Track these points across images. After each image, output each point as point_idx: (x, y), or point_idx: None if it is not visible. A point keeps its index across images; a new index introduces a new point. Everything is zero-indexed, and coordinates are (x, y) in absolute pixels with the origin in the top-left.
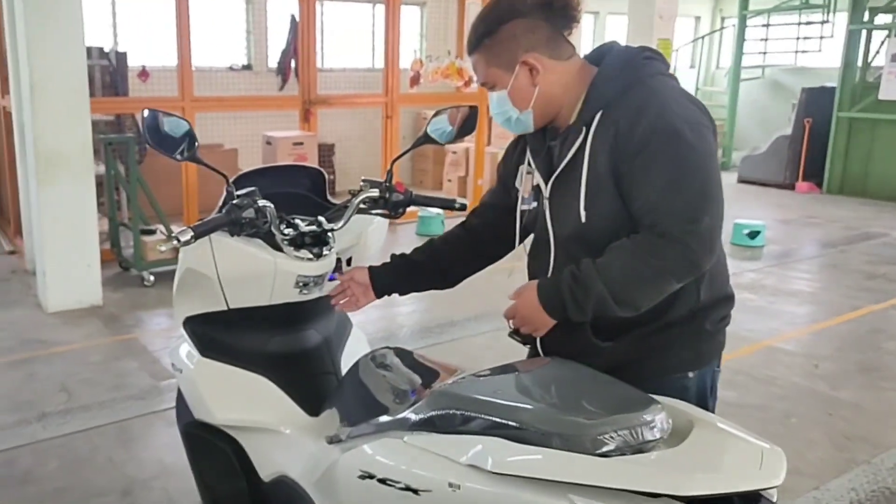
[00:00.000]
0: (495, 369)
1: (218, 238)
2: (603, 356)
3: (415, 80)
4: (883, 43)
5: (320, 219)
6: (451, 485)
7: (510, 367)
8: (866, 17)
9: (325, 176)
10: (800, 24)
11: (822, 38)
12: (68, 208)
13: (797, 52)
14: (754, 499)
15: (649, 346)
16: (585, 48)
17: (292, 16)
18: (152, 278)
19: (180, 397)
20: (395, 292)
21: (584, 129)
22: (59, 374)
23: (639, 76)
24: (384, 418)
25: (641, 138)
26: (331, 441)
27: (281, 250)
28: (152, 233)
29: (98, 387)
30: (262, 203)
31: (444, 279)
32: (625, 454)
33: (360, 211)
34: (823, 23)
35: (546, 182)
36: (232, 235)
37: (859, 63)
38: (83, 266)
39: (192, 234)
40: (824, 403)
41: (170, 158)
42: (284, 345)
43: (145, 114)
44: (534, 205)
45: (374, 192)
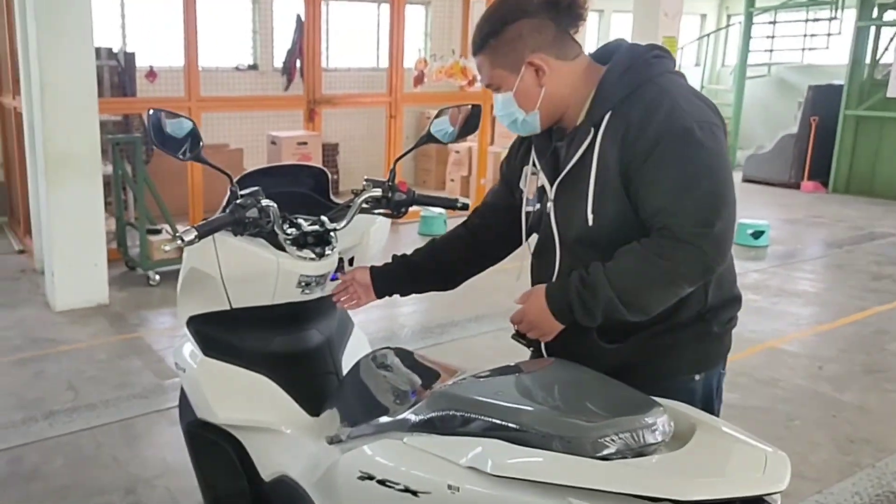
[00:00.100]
0: (496, 370)
1: (221, 238)
2: (608, 358)
3: (419, 79)
4: (892, 40)
5: (323, 218)
6: (450, 487)
7: (511, 369)
8: (875, 14)
9: (329, 175)
10: (807, 21)
11: (829, 35)
12: (76, 208)
13: (804, 49)
14: None
15: (656, 349)
16: (590, 46)
17: (298, 16)
18: (158, 277)
19: (183, 396)
20: (396, 293)
21: (592, 129)
22: (66, 372)
23: (648, 75)
24: (384, 419)
25: (652, 138)
26: (331, 441)
27: (284, 250)
28: (158, 232)
29: (104, 385)
30: (265, 203)
31: (445, 280)
32: (626, 457)
33: (362, 210)
34: (831, 20)
35: (552, 184)
36: (235, 235)
37: (867, 60)
38: (90, 265)
39: (195, 233)
40: (828, 406)
41: (174, 158)
42: (286, 344)
43: (150, 113)
44: (538, 206)
45: (377, 192)
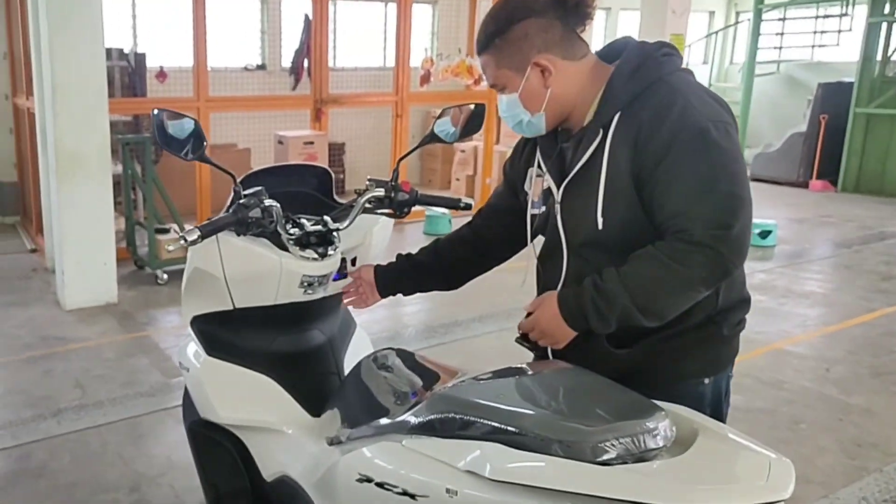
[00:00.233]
0: (497, 372)
1: (225, 238)
2: (617, 363)
3: (425, 78)
4: None
5: (326, 218)
6: (448, 490)
7: (512, 371)
8: (887, 10)
9: (332, 175)
10: (817, 17)
11: (840, 31)
12: (86, 208)
13: (814, 46)
14: None
15: (665, 352)
16: (597, 45)
17: (306, 15)
18: (166, 276)
19: (187, 396)
20: (400, 292)
21: (601, 130)
22: (75, 370)
23: (659, 74)
24: (384, 421)
25: (666, 139)
26: (331, 442)
27: (287, 250)
28: (167, 231)
29: (111, 383)
30: (268, 202)
31: (448, 280)
32: (626, 462)
33: (365, 210)
34: (842, 16)
35: (558, 186)
36: (238, 235)
37: (879, 57)
38: (100, 264)
39: (198, 233)
40: (835, 409)
41: (178, 158)
42: (289, 345)
43: (154, 113)
44: (543, 209)
45: (380, 192)
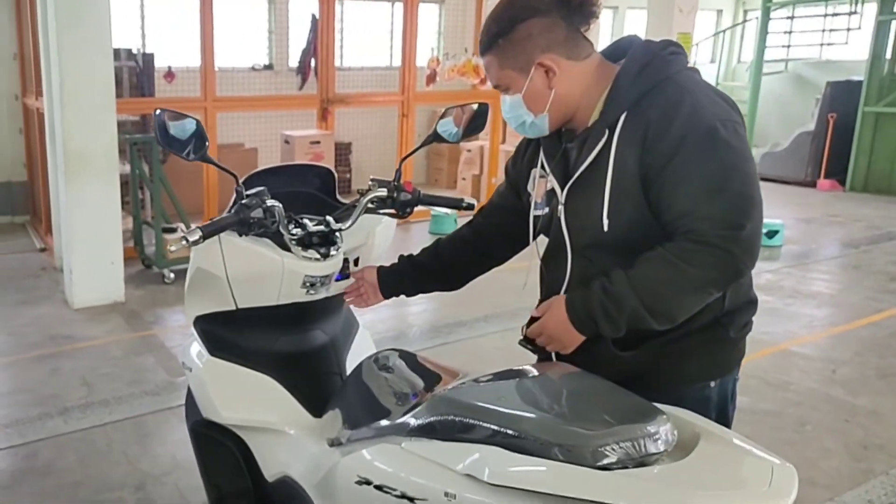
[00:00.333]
0: (498, 374)
1: (227, 238)
2: (622, 366)
3: (431, 78)
4: None
5: (328, 218)
6: (446, 494)
7: (512, 373)
8: None
9: (335, 175)
10: (826, 15)
11: (848, 29)
12: (94, 207)
13: (822, 44)
14: None
15: (671, 355)
16: (604, 44)
17: (313, 15)
18: (172, 275)
19: (190, 395)
20: (402, 293)
21: (606, 131)
22: (82, 368)
23: (666, 73)
24: (384, 422)
25: (675, 139)
26: (331, 444)
27: (289, 250)
28: (173, 231)
29: (117, 382)
30: (270, 203)
31: (449, 281)
32: (626, 467)
33: (368, 210)
34: (851, 14)
35: (562, 187)
36: (240, 235)
37: (888, 55)
38: (107, 263)
39: (200, 234)
40: (841, 410)
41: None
42: (291, 345)
43: (156, 113)
44: (546, 210)
45: (383, 192)
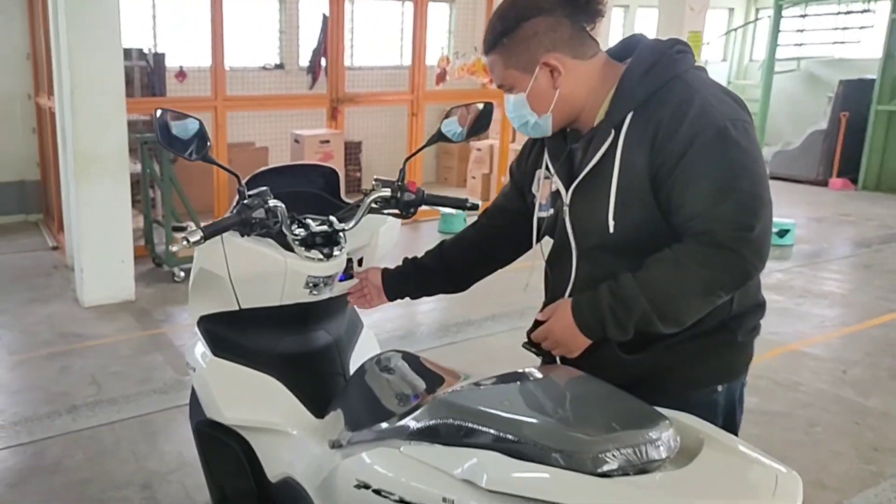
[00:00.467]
0: (499, 377)
1: (229, 238)
2: (628, 369)
3: (441, 77)
4: None
5: (331, 218)
6: (445, 500)
7: (514, 376)
8: None
9: (339, 175)
10: (839, 13)
11: (862, 28)
12: (104, 206)
13: (835, 43)
14: None
15: (677, 359)
16: (614, 43)
17: (324, 15)
18: (182, 274)
19: (193, 395)
20: (406, 296)
21: (612, 131)
22: (91, 367)
23: (674, 72)
24: (384, 425)
25: (684, 139)
26: (332, 446)
27: (292, 250)
28: (184, 230)
29: (126, 380)
30: (272, 203)
31: (454, 283)
32: (627, 474)
33: (372, 210)
34: (864, 12)
35: (567, 188)
36: (242, 235)
37: None
38: (117, 262)
39: (201, 234)
40: (852, 412)
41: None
42: (295, 345)
43: (157, 114)
44: (551, 211)
45: (386, 192)
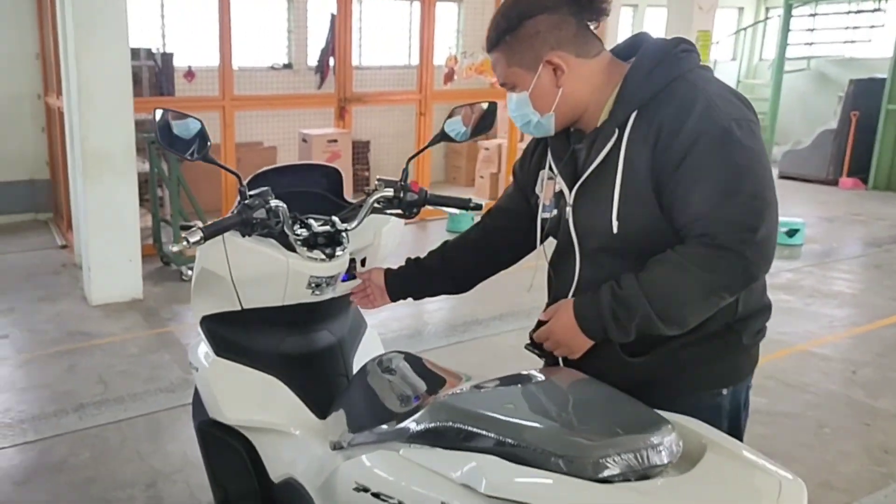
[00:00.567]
0: (501, 380)
1: (230, 238)
2: (632, 372)
3: (449, 76)
4: None
5: (334, 219)
6: None
7: (515, 379)
8: None
9: (342, 175)
10: (849, 12)
11: (872, 27)
12: (112, 205)
13: (846, 42)
14: None
15: (682, 362)
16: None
17: (332, 14)
18: (190, 273)
19: (196, 395)
20: (409, 296)
21: (616, 131)
22: (98, 365)
23: (679, 71)
24: (384, 427)
25: (688, 139)
26: (334, 447)
27: (294, 251)
28: (191, 228)
29: (133, 379)
30: (274, 203)
31: (457, 284)
32: (628, 479)
33: (375, 210)
34: (875, 11)
35: (570, 188)
36: (243, 236)
37: None
38: (125, 261)
39: (201, 234)
40: (861, 413)
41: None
42: (297, 346)
43: (158, 114)
44: (554, 212)
45: (389, 192)
